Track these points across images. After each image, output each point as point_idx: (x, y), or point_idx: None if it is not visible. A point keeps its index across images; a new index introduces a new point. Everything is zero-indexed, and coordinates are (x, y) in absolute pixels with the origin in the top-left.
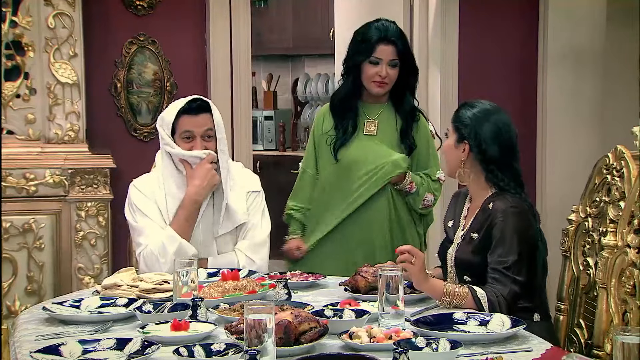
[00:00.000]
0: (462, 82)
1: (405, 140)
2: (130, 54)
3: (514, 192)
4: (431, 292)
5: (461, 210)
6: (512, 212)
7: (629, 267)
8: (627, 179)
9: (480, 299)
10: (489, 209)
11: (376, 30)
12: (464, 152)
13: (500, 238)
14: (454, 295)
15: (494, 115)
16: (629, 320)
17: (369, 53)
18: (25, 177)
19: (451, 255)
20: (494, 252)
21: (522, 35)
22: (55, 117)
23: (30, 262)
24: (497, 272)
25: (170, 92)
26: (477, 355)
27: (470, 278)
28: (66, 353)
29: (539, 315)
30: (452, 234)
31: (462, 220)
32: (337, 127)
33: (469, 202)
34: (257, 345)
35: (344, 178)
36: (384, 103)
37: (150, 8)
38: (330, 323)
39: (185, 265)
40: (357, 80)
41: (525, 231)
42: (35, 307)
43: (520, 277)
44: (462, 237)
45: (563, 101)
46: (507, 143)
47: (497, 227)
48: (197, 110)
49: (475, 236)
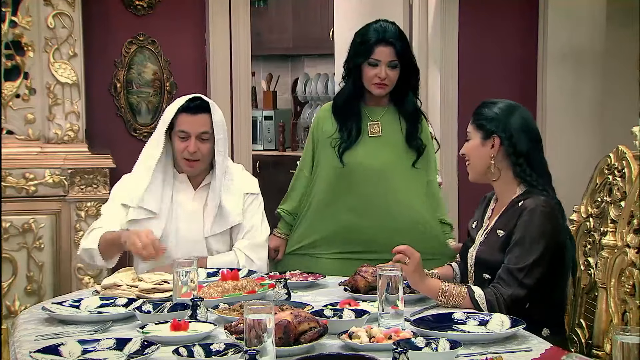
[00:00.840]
0: (462, 81)
1: (412, 143)
2: (130, 54)
3: (541, 189)
4: (428, 292)
5: (485, 212)
6: (541, 211)
7: (628, 267)
8: (629, 179)
9: (477, 300)
10: (519, 206)
11: (374, 31)
12: (494, 148)
13: (521, 238)
14: (450, 295)
15: (519, 108)
16: (629, 320)
17: (367, 55)
18: (24, 177)
19: (472, 254)
20: (512, 250)
21: (522, 35)
22: (55, 117)
23: (30, 262)
24: (506, 272)
25: (169, 92)
26: (477, 355)
27: (489, 276)
28: (66, 353)
29: (549, 330)
30: (474, 235)
31: (485, 221)
32: (341, 130)
33: (494, 202)
34: (256, 345)
35: (348, 180)
36: (385, 105)
37: (150, 8)
38: (330, 323)
39: (185, 265)
40: (357, 82)
41: (552, 234)
42: (34, 307)
43: (528, 281)
44: (484, 236)
45: (563, 101)
46: (534, 135)
47: (520, 224)
48: (195, 110)
49: (501, 233)
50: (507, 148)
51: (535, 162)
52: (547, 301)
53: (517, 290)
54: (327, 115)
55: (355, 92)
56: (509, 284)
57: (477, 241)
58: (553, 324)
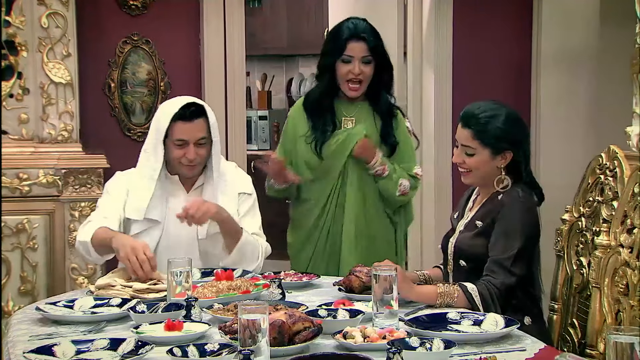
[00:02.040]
0: (456, 82)
1: (387, 140)
2: (124, 54)
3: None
4: (423, 299)
5: (467, 203)
6: (520, 204)
7: (622, 266)
8: (620, 178)
9: (471, 294)
10: (498, 200)
11: (346, 28)
12: (504, 160)
13: (503, 230)
14: (445, 294)
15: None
16: (622, 319)
17: (340, 51)
18: (18, 177)
19: (452, 243)
20: (496, 244)
21: (516, 36)
22: (48, 117)
23: (24, 262)
24: (495, 264)
25: (164, 92)
26: (471, 355)
27: (465, 263)
28: (59, 353)
29: (530, 318)
30: (455, 225)
31: (467, 212)
32: (314, 127)
33: (475, 194)
34: (251, 345)
35: (325, 171)
36: (360, 102)
37: (144, 8)
38: (324, 323)
39: (179, 265)
40: (332, 80)
41: (530, 226)
42: (28, 307)
43: (516, 269)
44: (464, 226)
45: (557, 101)
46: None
47: (502, 217)
48: (191, 117)
49: (479, 224)
50: (518, 158)
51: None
52: (527, 291)
53: (507, 278)
54: (299, 114)
55: (328, 91)
56: (499, 274)
57: (457, 231)
58: (533, 313)
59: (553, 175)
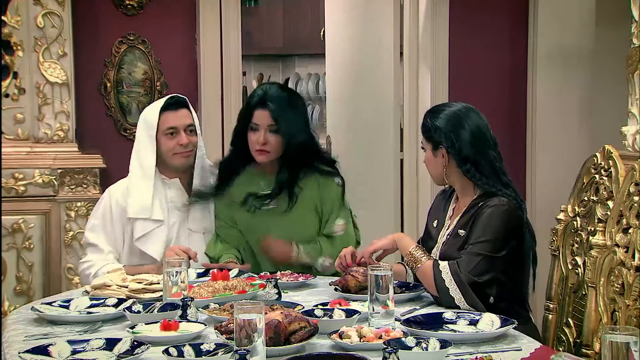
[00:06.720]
0: (452, 82)
1: (289, 190)
2: (120, 54)
3: (495, 190)
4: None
5: (447, 210)
6: (499, 209)
7: (617, 266)
8: (615, 178)
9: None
10: (478, 207)
11: (256, 94)
12: (444, 158)
13: (478, 225)
14: (415, 259)
15: (463, 114)
16: (618, 319)
17: (249, 118)
18: (14, 177)
19: (435, 254)
20: (469, 237)
21: (511, 36)
22: (44, 117)
23: (20, 262)
24: (464, 252)
25: (160, 91)
26: (467, 355)
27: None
28: (55, 353)
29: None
30: (436, 235)
31: (447, 220)
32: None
33: (454, 202)
34: (247, 345)
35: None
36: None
37: (140, 7)
38: (320, 323)
39: (175, 265)
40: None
41: (510, 232)
42: (24, 308)
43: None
44: (447, 237)
45: (552, 101)
46: (479, 140)
47: (480, 220)
48: (177, 106)
49: (462, 233)
50: (454, 156)
51: (483, 165)
52: (511, 294)
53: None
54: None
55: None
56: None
57: (439, 242)
58: (523, 316)
59: (548, 175)
